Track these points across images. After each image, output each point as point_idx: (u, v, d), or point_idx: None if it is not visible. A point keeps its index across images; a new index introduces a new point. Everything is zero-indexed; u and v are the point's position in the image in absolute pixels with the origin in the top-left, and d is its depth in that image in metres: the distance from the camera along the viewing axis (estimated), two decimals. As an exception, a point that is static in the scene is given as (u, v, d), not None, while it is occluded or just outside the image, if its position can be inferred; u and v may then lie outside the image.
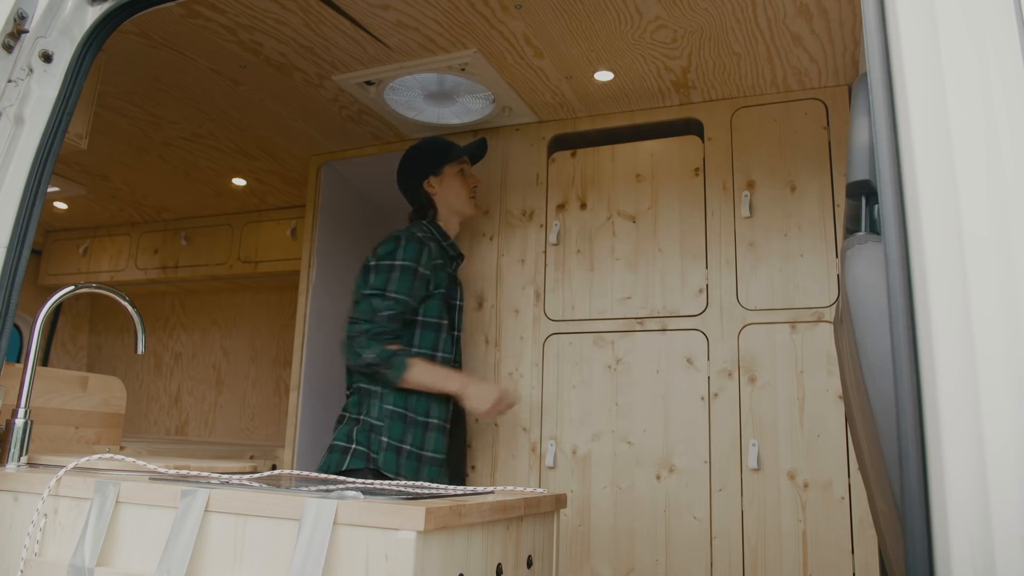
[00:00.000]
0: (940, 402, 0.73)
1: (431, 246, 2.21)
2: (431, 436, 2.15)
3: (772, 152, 2.36)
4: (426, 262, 2.16)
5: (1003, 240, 0.74)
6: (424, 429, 2.14)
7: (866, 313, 0.87)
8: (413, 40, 2.19)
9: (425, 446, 2.13)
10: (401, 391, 2.12)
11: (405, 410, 2.12)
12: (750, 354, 2.25)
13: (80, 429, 1.79)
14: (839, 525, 2.08)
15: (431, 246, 2.21)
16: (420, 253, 2.15)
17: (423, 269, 2.15)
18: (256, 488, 1.15)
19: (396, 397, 2.12)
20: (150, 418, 4.32)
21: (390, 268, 2.12)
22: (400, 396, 2.12)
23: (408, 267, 2.12)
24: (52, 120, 1.42)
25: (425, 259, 2.16)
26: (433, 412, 2.16)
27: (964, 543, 0.69)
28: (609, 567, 2.28)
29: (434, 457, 2.14)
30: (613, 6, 1.98)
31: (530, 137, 2.69)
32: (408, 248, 2.15)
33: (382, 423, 2.09)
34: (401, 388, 2.10)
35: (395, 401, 2.11)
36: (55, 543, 1.20)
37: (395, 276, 2.11)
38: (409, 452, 2.10)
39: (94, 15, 1.48)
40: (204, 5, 2.03)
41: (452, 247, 2.34)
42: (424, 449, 2.13)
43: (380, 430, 2.08)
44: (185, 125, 2.87)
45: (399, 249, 2.14)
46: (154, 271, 4.07)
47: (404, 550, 0.97)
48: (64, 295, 1.58)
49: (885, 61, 0.87)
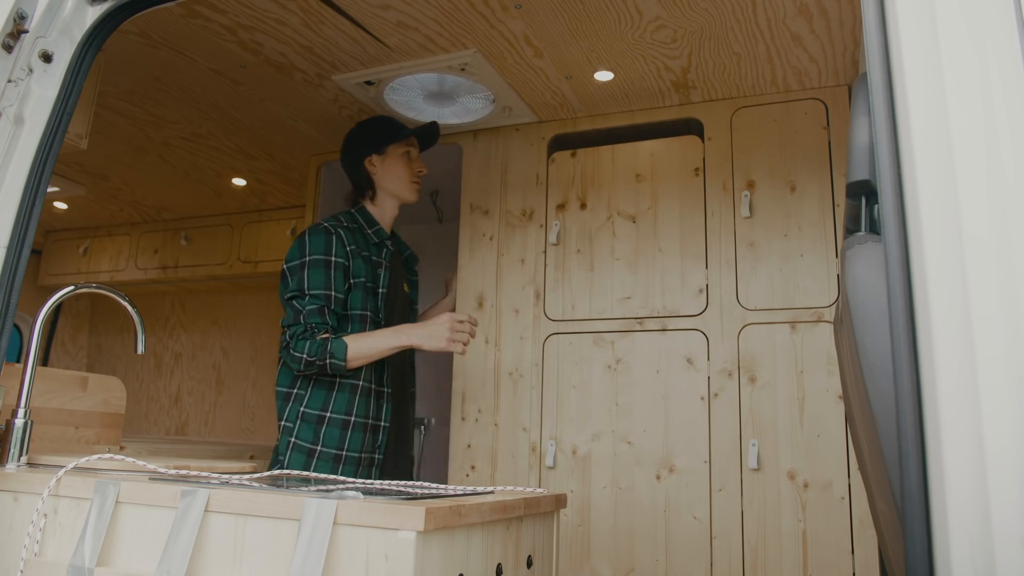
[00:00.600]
0: (940, 402, 0.73)
1: (342, 234, 2.11)
2: (354, 435, 2.08)
3: (772, 152, 2.36)
4: (338, 251, 2.08)
5: (1003, 240, 0.74)
6: (343, 428, 2.07)
7: (866, 313, 0.87)
8: (413, 40, 2.19)
9: (343, 446, 2.06)
10: (320, 392, 2.07)
11: (321, 411, 2.06)
12: (750, 354, 2.25)
13: (80, 429, 1.79)
14: (839, 525, 2.08)
15: (342, 234, 2.11)
16: (328, 243, 2.08)
17: (337, 258, 2.07)
18: (256, 488, 1.15)
19: (312, 400, 2.07)
20: (150, 418, 4.32)
21: (301, 267, 2.07)
22: (317, 398, 2.07)
23: (318, 260, 2.06)
24: (52, 120, 1.42)
25: (336, 248, 2.08)
26: (358, 411, 2.08)
27: (964, 543, 0.69)
28: (609, 567, 2.28)
29: (352, 456, 2.07)
30: (613, 6, 1.98)
31: (530, 137, 2.69)
32: (313, 242, 2.08)
33: (292, 425, 2.07)
34: (325, 387, 2.07)
35: (311, 404, 2.07)
36: (55, 543, 1.20)
37: (308, 273, 2.05)
38: (322, 452, 2.04)
39: (94, 15, 1.48)
40: (204, 5, 2.03)
41: (378, 233, 2.22)
42: (342, 449, 2.06)
43: (290, 431, 2.06)
44: (185, 125, 2.87)
45: (305, 245, 2.09)
46: (154, 271, 4.07)
47: (404, 550, 0.97)
48: (64, 295, 1.58)
49: (885, 61, 0.87)
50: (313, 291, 2.03)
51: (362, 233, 2.20)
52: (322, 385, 2.08)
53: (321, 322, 2.02)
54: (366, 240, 2.20)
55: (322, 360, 1.98)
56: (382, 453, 2.14)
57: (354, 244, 2.14)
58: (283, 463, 2.05)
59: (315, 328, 2.01)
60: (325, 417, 2.06)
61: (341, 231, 2.13)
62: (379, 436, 2.13)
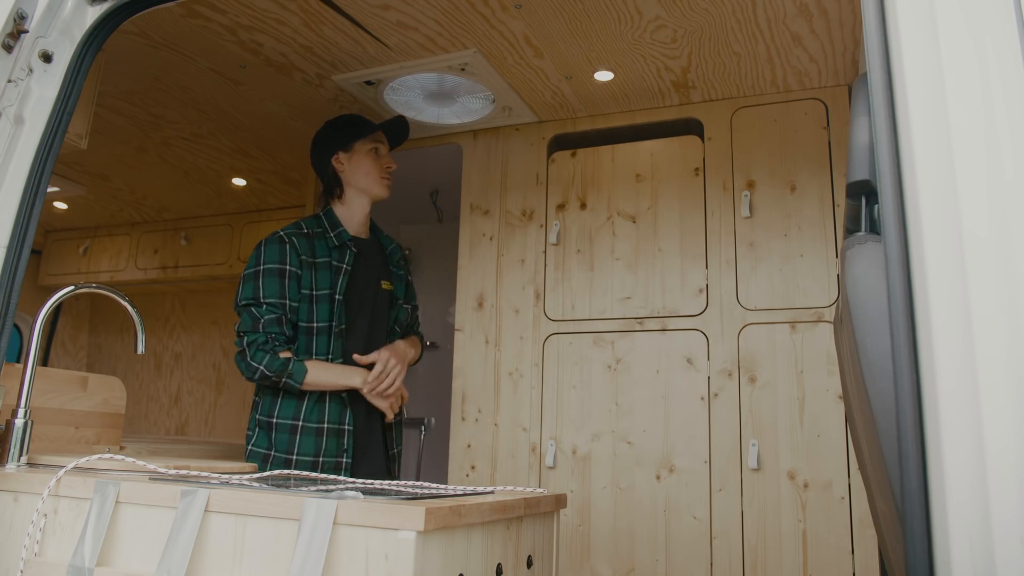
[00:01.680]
0: (940, 402, 0.73)
1: (296, 243, 2.09)
2: (305, 440, 2.08)
3: (772, 152, 2.36)
4: (293, 260, 2.07)
5: (1003, 240, 0.74)
6: (292, 433, 2.07)
7: (866, 313, 0.87)
8: (413, 40, 2.19)
9: (294, 450, 2.06)
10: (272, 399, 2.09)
11: (272, 417, 2.08)
12: (750, 354, 2.25)
13: (80, 429, 1.79)
14: (839, 525, 2.08)
15: (296, 243, 2.09)
16: (282, 252, 2.08)
17: (291, 267, 2.07)
18: (256, 488, 1.15)
19: (265, 406, 2.09)
20: (150, 418, 4.32)
21: (256, 275, 2.06)
22: (268, 404, 2.09)
23: (272, 269, 2.06)
24: (52, 120, 1.42)
25: (291, 257, 2.07)
26: (309, 416, 2.08)
27: (964, 543, 0.69)
28: (609, 567, 2.28)
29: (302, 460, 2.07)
30: (613, 6, 1.98)
31: (530, 137, 2.69)
32: (268, 251, 2.08)
33: (251, 432, 2.11)
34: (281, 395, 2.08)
35: (264, 410, 2.09)
36: (55, 543, 1.20)
37: (262, 282, 2.05)
38: (275, 458, 2.06)
39: (94, 15, 1.48)
40: (204, 5, 2.03)
41: (340, 235, 2.17)
42: (292, 453, 2.06)
43: (249, 439, 2.11)
44: (185, 125, 2.87)
45: (260, 254, 2.09)
46: (154, 271, 4.07)
47: (404, 550, 0.97)
48: (64, 295, 1.58)
49: (885, 61, 0.87)
50: (268, 300, 2.04)
51: (323, 238, 2.17)
52: (271, 392, 2.10)
53: (279, 332, 2.03)
54: (326, 244, 2.17)
55: (278, 377, 2.01)
56: (350, 456, 2.12)
57: (309, 253, 2.12)
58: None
59: (275, 339, 2.02)
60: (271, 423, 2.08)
61: (296, 240, 2.11)
62: (344, 440, 2.11)
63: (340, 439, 2.12)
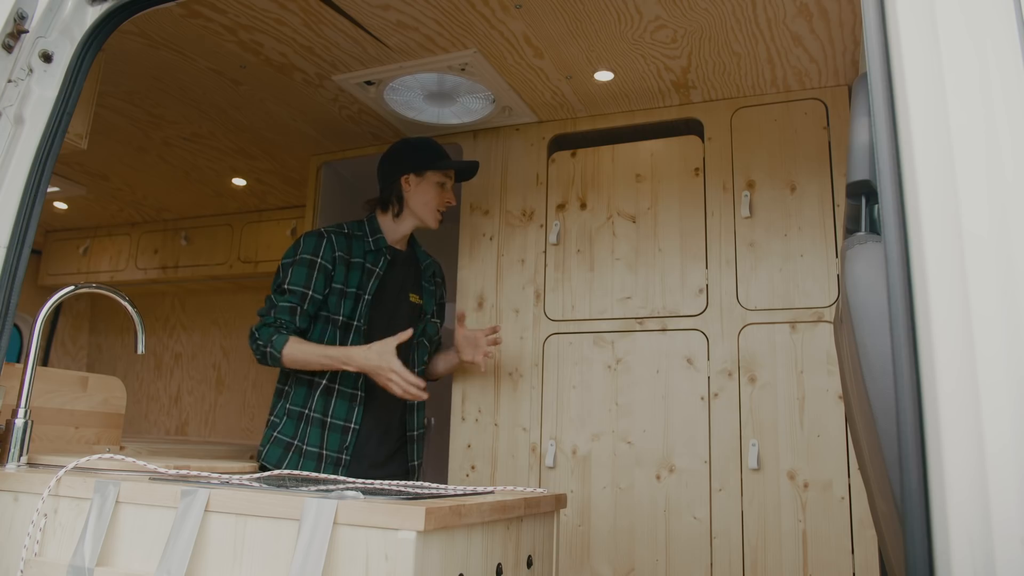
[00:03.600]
0: (940, 402, 0.73)
1: (334, 239, 2.17)
2: (332, 436, 2.15)
3: (772, 152, 2.36)
4: (327, 254, 2.15)
5: (1003, 240, 0.74)
6: (323, 428, 2.14)
7: (866, 313, 0.87)
8: (413, 40, 2.19)
9: (323, 445, 2.14)
10: (304, 390, 2.16)
11: (304, 409, 2.16)
12: (750, 354, 2.25)
13: (80, 429, 1.79)
14: (839, 525, 2.08)
15: (334, 239, 2.17)
16: (318, 245, 2.16)
17: (323, 261, 2.14)
18: (256, 488, 1.15)
19: (296, 396, 2.17)
20: (150, 418, 4.32)
21: (289, 264, 2.15)
22: (300, 395, 2.17)
23: (304, 259, 2.14)
24: (52, 120, 1.42)
25: (325, 251, 2.15)
26: (337, 413, 2.15)
27: (964, 543, 0.69)
28: (609, 567, 2.28)
29: (330, 455, 2.14)
30: (613, 6, 1.98)
31: (530, 137, 2.69)
32: (306, 242, 2.17)
33: (279, 420, 2.18)
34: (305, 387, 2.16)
35: (295, 400, 2.17)
36: (55, 543, 1.20)
37: (292, 270, 2.13)
38: (297, 447, 2.13)
39: (94, 15, 1.48)
40: (204, 5, 2.03)
41: (378, 241, 2.25)
42: (321, 447, 2.14)
43: (275, 426, 2.18)
44: (185, 125, 2.87)
45: (299, 246, 2.18)
46: (154, 271, 4.07)
47: (404, 550, 0.97)
48: (64, 295, 1.58)
49: (885, 61, 0.87)
50: (291, 287, 2.12)
51: (362, 241, 2.25)
52: (303, 383, 2.18)
53: (289, 320, 2.11)
54: (363, 248, 2.24)
55: (264, 348, 2.08)
56: (349, 454, 2.16)
57: (345, 251, 2.19)
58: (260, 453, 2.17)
59: (283, 324, 2.10)
60: (303, 414, 2.16)
61: (335, 236, 2.20)
62: (347, 437, 2.16)
63: (344, 436, 2.16)
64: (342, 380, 2.16)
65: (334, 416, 2.15)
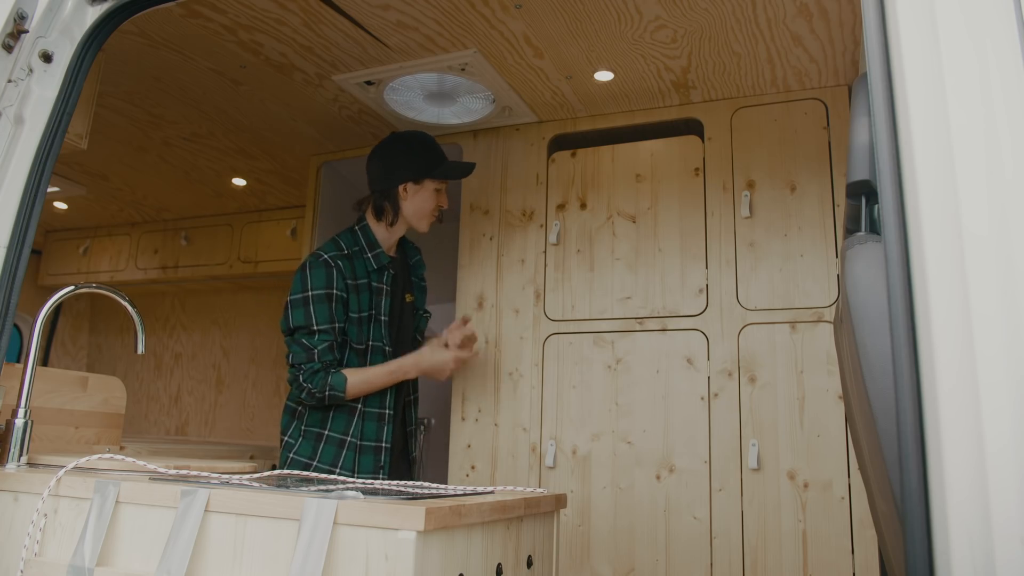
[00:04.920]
0: (940, 402, 0.73)
1: (342, 265, 2.13)
2: (364, 458, 2.15)
3: (772, 152, 2.36)
4: (339, 284, 2.11)
5: (1003, 240, 0.74)
6: (339, 447, 2.13)
7: (866, 313, 0.87)
8: (413, 40, 2.19)
9: (337, 463, 2.12)
10: (318, 411, 2.15)
11: (321, 429, 2.14)
12: (750, 354, 2.25)
13: (80, 429, 1.79)
14: (839, 525, 2.08)
15: (342, 265, 2.13)
16: (329, 277, 2.11)
17: (337, 291, 2.11)
18: (256, 488, 1.15)
19: (312, 417, 2.15)
20: (150, 418, 4.32)
21: (305, 301, 2.09)
22: (316, 416, 2.15)
23: (320, 295, 2.09)
24: (52, 120, 1.42)
25: (338, 282, 2.11)
26: (353, 432, 2.14)
27: (964, 543, 0.69)
28: (609, 567, 2.28)
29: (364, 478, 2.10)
30: (613, 6, 1.98)
31: (530, 137, 2.69)
32: (315, 276, 2.11)
33: (295, 442, 2.15)
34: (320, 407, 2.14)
35: (311, 421, 2.15)
36: (55, 543, 1.20)
37: (313, 308, 2.08)
38: (317, 468, 2.11)
39: (94, 15, 1.48)
40: (204, 5, 2.03)
41: (378, 257, 2.23)
42: (353, 471, 2.12)
43: (291, 447, 2.15)
44: (185, 125, 2.87)
45: (307, 280, 2.11)
46: (154, 271, 4.07)
47: (404, 550, 0.97)
48: (64, 295, 1.58)
49: (885, 61, 0.87)
50: (321, 327, 2.07)
51: (361, 259, 2.21)
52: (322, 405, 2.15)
53: (332, 359, 2.09)
54: (365, 266, 2.20)
55: (321, 393, 2.06)
56: (386, 474, 2.18)
57: (352, 276, 2.15)
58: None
59: (328, 365, 2.08)
60: (321, 435, 2.13)
61: (341, 262, 2.14)
62: (381, 457, 2.17)
63: (379, 456, 2.17)
64: (368, 401, 2.16)
65: (365, 438, 2.15)
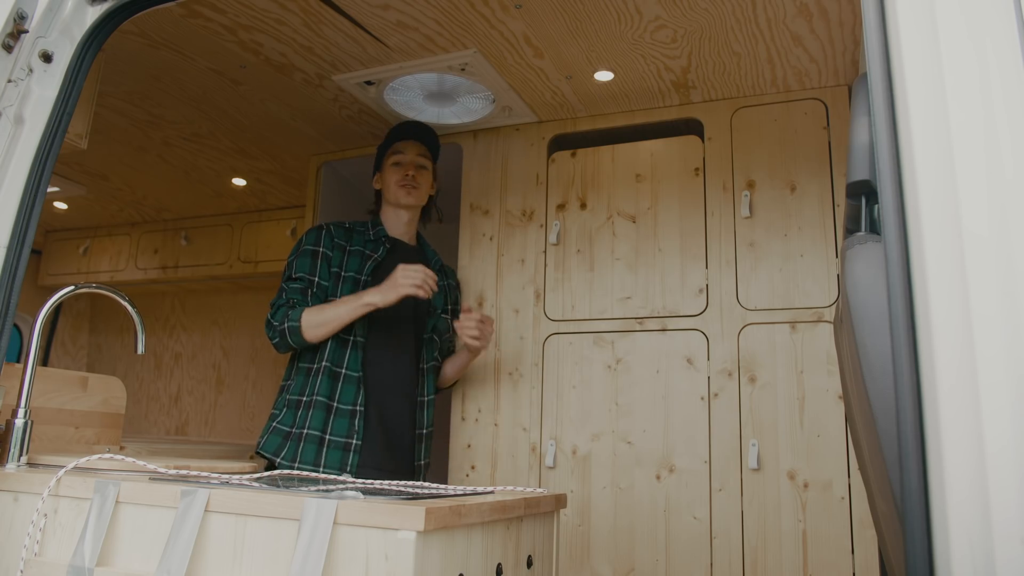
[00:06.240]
0: (940, 402, 0.73)
1: (333, 230, 2.29)
2: (339, 421, 2.13)
3: (772, 152, 2.36)
4: (327, 243, 2.26)
5: (1003, 240, 0.74)
6: (327, 412, 2.14)
7: (866, 313, 0.87)
8: (413, 40, 2.19)
9: (327, 429, 2.12)
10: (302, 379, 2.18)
11: (301, 396, 2.17)
12: (750, 354, 2.25)
13: (80, 429, 1.79)
14: (839, 525, 2.08)
15: (333, 230, 2.29)
16: (318, 236, 2.27)
17: (324, 249, 2.25)
18: (256, 488, 1.15)
19: (296, 385, 2.19)
20: (150, 418, 4.32)
21: (294, 258, 2.25)
22: (299, 383, 2.19)
23: (307, 250, 2.24)
24: (52, 120, 1.42)
25: (325, 240, 2.26)
26: (343, 398, 2.15)
27: (964, 543, 0.69)
28: (609, 567, 2.28)
29: (338, 441, 2.12)
30: (613, 6, 1.98)
31: (530, 137, 2.69)
32: (307, 236, 2.28)
33: (279, 412, 2.20)
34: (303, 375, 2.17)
35: (295, 389, 2.19)
36: (55, 543, 1.20)
37: (296, 260, 2.24)
38: (296, 434, 2.12)
39: (94, 15, 1.48)
40: (204, 5, 2.03)
41: (378, 232, 2.34)
42: (324, 431, 2.12)
43: (274, 417, 2.20)
44: (185, 125, 2.87)
45: (301, 241, 2.28)
46: (154, 271, 4.07)
47: (404, 550, 0.97)
48: (64, 295, 1.58)
49: (885, 61, 0.87)
50: (298, 274, 2.21)
51: (362, 233, 2.34)
52: (301, 372, 2.21)
53: (301, 299, 2.17)
54: (363, 238, 2.33)
55: (281, 325, 2.12)
56: (360, 438, 2.14)
57: (344, 240, 2.29)
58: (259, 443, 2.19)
59: (296, 303, 2.15)
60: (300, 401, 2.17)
61: (334, 228, 2.30)
62: (355, 421, 2.15)
63: (352, 420, 2.15)
64: (349, 364, 2.17)
65: (341, 400, 2.15)
